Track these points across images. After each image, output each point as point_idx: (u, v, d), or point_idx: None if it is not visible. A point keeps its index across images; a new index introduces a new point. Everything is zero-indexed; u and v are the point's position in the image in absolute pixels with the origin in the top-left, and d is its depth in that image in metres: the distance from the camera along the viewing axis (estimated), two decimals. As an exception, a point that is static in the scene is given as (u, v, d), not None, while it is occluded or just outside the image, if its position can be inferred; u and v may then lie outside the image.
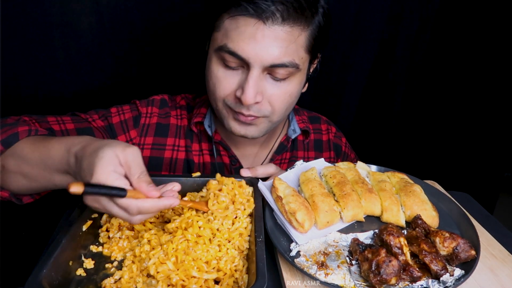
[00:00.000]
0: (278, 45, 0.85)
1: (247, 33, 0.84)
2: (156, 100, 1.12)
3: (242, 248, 0.74)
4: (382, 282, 0.64)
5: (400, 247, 0.69)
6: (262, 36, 0.83)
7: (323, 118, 1.30)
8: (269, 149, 1.17)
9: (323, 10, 0.91)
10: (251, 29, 0.83)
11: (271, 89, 0.92)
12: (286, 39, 0.85)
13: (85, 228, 0.75)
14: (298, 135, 1.18)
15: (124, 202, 0.63)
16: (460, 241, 0.70)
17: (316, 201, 0.80)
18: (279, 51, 0.85)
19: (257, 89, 0.89)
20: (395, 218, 0.81)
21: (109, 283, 0.66)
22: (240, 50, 0.85)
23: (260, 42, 0.84)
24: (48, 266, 0.61)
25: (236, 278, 0.67)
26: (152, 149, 1.09)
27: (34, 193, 0.86)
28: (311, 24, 0.89)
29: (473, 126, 1.88)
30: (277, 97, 0.93)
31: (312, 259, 0.71)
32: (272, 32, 0.84)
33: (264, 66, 0.87)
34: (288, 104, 0.97)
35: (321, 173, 0.93)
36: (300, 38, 0.88)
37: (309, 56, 0.94)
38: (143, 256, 0.70)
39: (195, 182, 0.89)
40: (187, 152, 1.11)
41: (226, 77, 0.91)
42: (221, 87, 0.93)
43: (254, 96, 0.88)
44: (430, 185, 0.95)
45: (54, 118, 0.97)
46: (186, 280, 0.65)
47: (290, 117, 1.21)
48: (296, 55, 0.89)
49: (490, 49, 1.71)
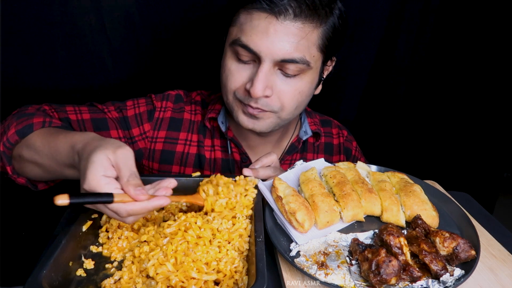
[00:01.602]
0: (289, 40, 0.87)
1: (260, 27, 0.87)
2: (171, 95, 1.14)
3: (242, 249, 0.74)
4: (382, 282, 0.64)
5: (400, 247, 0.69)
6: (274, 31, 0.86)
7: (334, 122, 1.31)
8: (282, 150, 1.19)
9: (339, 12, 0.92)
10: (264, 23, 0.86)
11: (281, 84, 0.93)
12: (297, 35, 0.87)
13: (85, 229, 0.75)
14: (309, 137, 1.19)
15: (113, 207, 0.65)
16: (460, 241, 0.70)
17: (316, 201, 0.80)
18: (290, 46, 0.87)
19: (267, 83, 0.91)
20: (395, 218, 0.81)
21: (108, 284, 0.66)
22: (252, 44, 0.88)
23: (271, 36, 0.86)
24: (48, 266, 0.61)
25: (236, 280, 0.67)
26: (164, 142, 1.11)
27: (49, 181, 0.93)
28: (324, 23, 0.90)
29: (473, 126, 1.88)
30: (287, 93, 0.94)
31: (312, 259, 0.71)
32: (283, 27, 0.86)
33: (275, 61, 0.89)
34: (298, 102, 0.98)
35: (321, 173, 0.93)
36: (312, 36, 0.89)
37: (322, 56, 0.95)
38: (142, 257, 0.70)
39: (195, 182, 0.89)
40: (199, 147, 1.12)
41: (239, 70, 0.94)
42: (232, 79, 0.95)
43: (262, 89, 0.90)
44: (430, 185, 0.95)
45: (72, 108, 1.02)
46: (185, 281, 0.65)
47: (302, 119, 1.22)
48: (307, 52, 0.90)
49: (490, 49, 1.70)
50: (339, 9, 0.93)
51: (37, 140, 0.84)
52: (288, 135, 1.18)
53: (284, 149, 1.19)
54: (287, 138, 1.19)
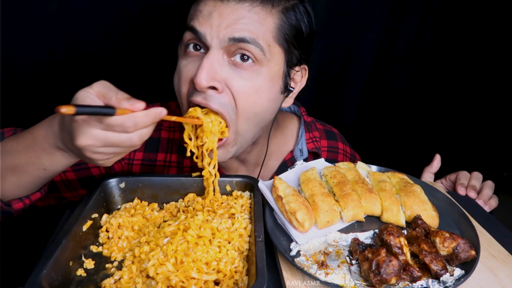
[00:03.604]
0: (237, 19, 0.81)
1: (205, 11, 0.82)
2: None
3: (242, 249, 0.74)
4: (382, 282, 0.64)
5: (400, 247, 0.69)
6: (219, 13, 0.81)
7: (337, 134, 1.21)
8: (271, 170, 1.08)
9: (303, 10, 0.88)
10: (209, 7, 0.82)
11: (232, 77, 0.83)
12: (246, 16, 0.81)
13: (85, 228, 0.75)
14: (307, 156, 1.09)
15: (119, 119, 0.62)
16: (460, 241, 0.70)
17: (316, 201, 0.80)
18: (238, 25, 0.80)
19: (214, 73, 0.82)
20: (395, 218, 0.81)
21: (109, 283, 0.66)
22: (197, 25, 0.82)
23: (216, 18, 0.81)
24: (48, 266, 0.61)
25: (236, 280, 0.67)
26: (142, 165, 1.05)
27: (24, 193, 0.83)
28: (280, 11, 0.84)
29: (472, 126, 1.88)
30: (241, 89, 0.84)
31: (312, 259, 0.71)
32: (230, 8, 0.80)
33: (223, 44, 0.81)
34: (257, 106, 0.86)
35: (321, 173, 0.93)
36: (266, 21, 0.83)
37: (282, 51, 0.87)
38: (142, 257, 0.70)
39: (195, 182, 0.89)
40: (178, 168, 1.06)
41: (187, 64, 0.86)
42: (181, 78, 0.87)
43: (207, 77, 0.80)
44: (430, 185, 0.95)
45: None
46: (185, 281, 0.65)
47: (300, 133, 1.11)
48: (261, 37, 0.82)
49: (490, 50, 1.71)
50: (302, 8, 0.88)
51: (9, 141, 0.79)
52: (262, 152, 1.03)
53: (265, 168, 1.06)
54: (277, 156, 1.07)
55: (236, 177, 0.90)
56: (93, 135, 0.63)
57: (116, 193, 0.86)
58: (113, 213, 0.84)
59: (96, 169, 1.02)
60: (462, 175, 1.06)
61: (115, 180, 0.86)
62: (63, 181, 1.02)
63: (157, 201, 0.89)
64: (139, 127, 0.64)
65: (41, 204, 1.02)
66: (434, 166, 1.12)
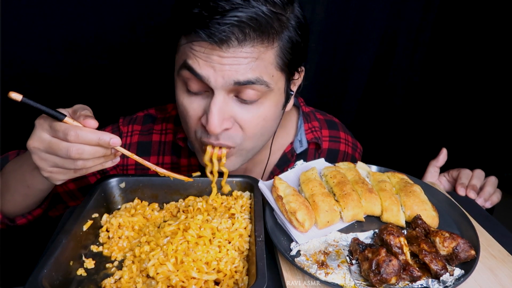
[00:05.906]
0: (239, 63, 0.76)
1: (203, 55, 0.76)
2: (139, 117, 1.08)
3: (242, 249, 0.74)
4: (382, 282, 0.64)
5: (400, 247, 0.69)
6: (218, 56, 0.75)
7: (339, 123, 1.19)
8: (264, 164, 1.07)
9: (296, 21, 0.81)
10: (207, 51, 0.76)
11: (240, 113, 0.82)
12: (248, 58, 0.76)
13: (86, 228, 0.75)
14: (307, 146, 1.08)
15: (64, 125, 0.65)
16: (460, 241, 0.70)
17: (316, 201, 0.80)
18: (242, 68, 0.76)
19: (223, 115, 0.80)
20: (395, 218, 0.81)
21: (109, 283, 0.66)
22: (198, 68, 0.77)
23: (217, 64, 0.76)
24: (49, 266, 0.61)
25: (236, 280, 0.67)
26: (136, 169, 1.06)
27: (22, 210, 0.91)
28: (278, 40, 0.79)
29: (473, 126, 1.88)
30: (249, 122, 0.83)
31: (312, 259, 0.71)
32: (229, 54, 0.75)
33: (228, 88, 0.78)
34: (264, 129, 0.87)
35: (321, 173, 0.93)
36: (267, 55, 0.79)
37: (283, 74, 0.85)
38: (142, 256, 0.71)
39: (195, 182, 0.89)
40: (172, 169, 1.05)
41: (191, 103, 0.83)
42: (188, 115, 0.84)
43: (219, 124, 0.79)
44: (430, 185, 0.95)
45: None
46: (186, 281, 0.65)
47: (299, 124, 1.10)
48: (264, 72, 0.79)
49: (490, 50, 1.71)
50: (295, 18, 0.81)
51: (10, 164, 0.87)
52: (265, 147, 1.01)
53: (268, 161, 1.05)
54: (277, 148, 1.06)
55: (236, 177, 0.90)
56: (40, 137, 0.67)
57: (117, 193, 0.87)
58: (113, 213, 0.84)
59: (93, 177, 1.04)
60: (463, 173, 1.05)
61: (115, 180, 0.87)
62: (65, 192, 1.05)
63: (157, 201, 0.89)
64: (80, 139, 0.66)
65: (52, 214, 1.07)
66: (440, 160, 1.11)
